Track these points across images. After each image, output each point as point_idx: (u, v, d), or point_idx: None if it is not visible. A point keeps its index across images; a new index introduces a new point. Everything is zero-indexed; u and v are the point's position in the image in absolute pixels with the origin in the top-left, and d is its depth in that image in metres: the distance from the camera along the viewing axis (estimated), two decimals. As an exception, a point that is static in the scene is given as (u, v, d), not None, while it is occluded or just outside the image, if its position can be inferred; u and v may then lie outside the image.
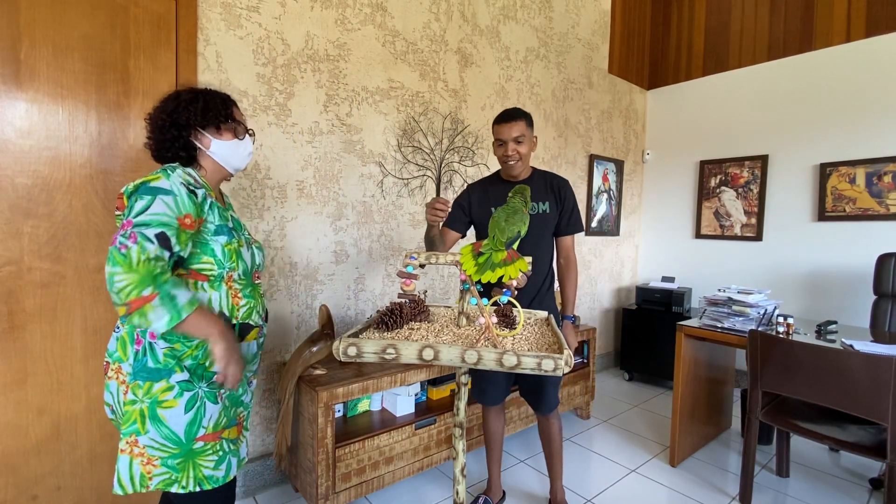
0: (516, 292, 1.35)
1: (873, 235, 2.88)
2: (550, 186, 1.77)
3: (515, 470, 2.27)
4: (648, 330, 3.50)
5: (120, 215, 1.05)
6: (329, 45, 2.11)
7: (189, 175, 1.08)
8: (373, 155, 2.31)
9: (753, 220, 3.42)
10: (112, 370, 1.06)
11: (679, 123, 3.88)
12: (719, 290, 2.37)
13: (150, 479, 1.02)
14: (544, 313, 1.50)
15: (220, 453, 1.10)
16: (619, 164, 3.86)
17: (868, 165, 2.90)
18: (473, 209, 1.82)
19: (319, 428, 1.72)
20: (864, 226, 2.93)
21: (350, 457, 1.82)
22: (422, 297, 1.48)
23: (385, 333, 1.21)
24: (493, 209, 1.71)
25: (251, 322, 1.18)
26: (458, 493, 1.54)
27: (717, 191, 3.61)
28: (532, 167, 1.82)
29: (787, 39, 3.26)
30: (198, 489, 1.05)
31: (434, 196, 2.56)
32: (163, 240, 0.95)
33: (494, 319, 1.31)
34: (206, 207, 1.08)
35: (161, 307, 0.92)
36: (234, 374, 1.05)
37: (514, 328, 1.27)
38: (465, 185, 2.68)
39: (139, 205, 0.97)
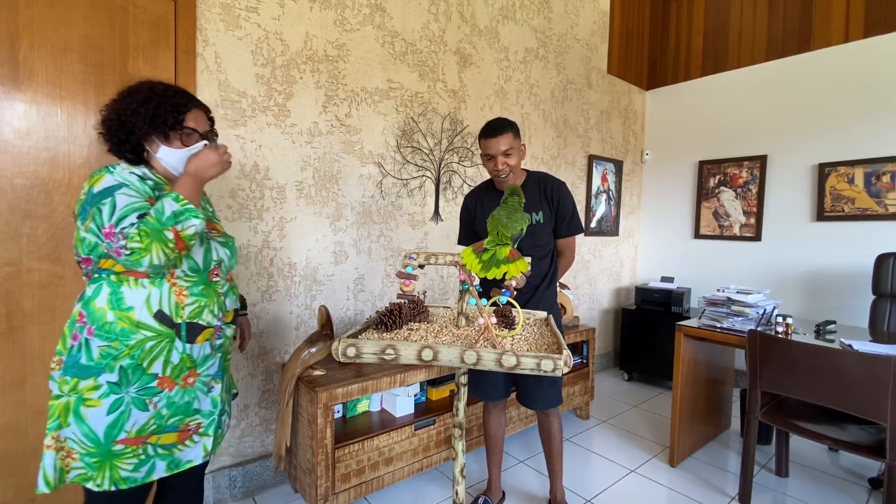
0: (515, 293, 1.36)
1: (872, 235, 2.89)
2: (544, 193, 1.75)
3: (515, 470, 2.27)
4: (648, 330, 3.50)
5: (81, 229, 1.03)
6: (328, 46, 2.11)
7: (136, 169, 1.08)
8: (372, 155, 2.31)
9: (752, 221, 3.42)
10: (54, 362, 1.06)
11: (678, 124, 3.89)
12: (718, 290, 2.38)
13: (68, 472, 1.03)
14: (543, 314, 1.50)
15: (143, 457, 1.08)
16: (618, 165, 3.87)
17: (867, 165, 2.90)
18: (476, 222, 1.82)
19: (319, 429, 1.72)
20: (863, 226, 2.93)
21: (349, 457, 1.82)
22: (421, 297, 1.48)
23: (384, 334, 1.21)
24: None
25: (201, 322, 1.12)
26: (457, 493, 1.54)
27: (716, 191, 3.62)
28: (526, 170, 1.81)
29: (785, 40, 3.27)
30: (113, 489, 1.04)
31: (433, 197, 2.57)
32: (143, 217, 0.99)
33: (493, 320, 1.31)
34: (155, 197, 1.07)
35: (184, 223, 1.00)
36: (211, 163, 1.10)
37: (514, 328, 1.27)
38: (464, 186, 2.69)
39: (105, 211, 0.98)
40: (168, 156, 1.12)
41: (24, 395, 1.52)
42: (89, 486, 1.03)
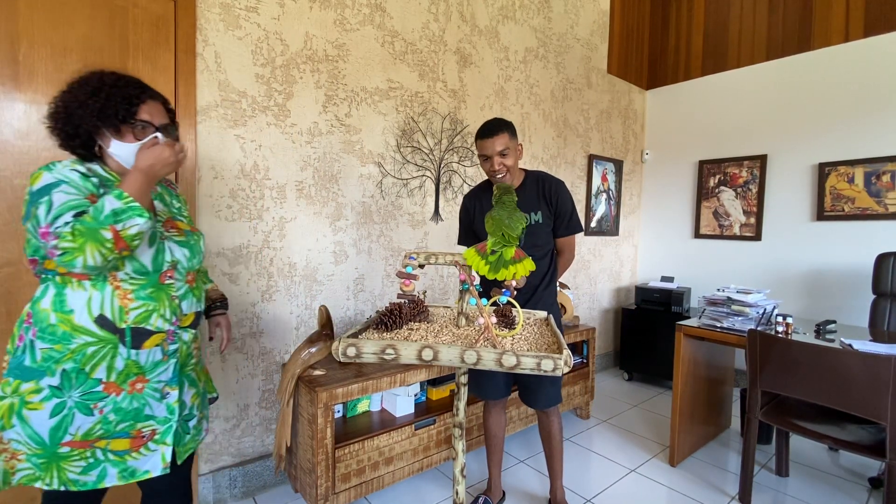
0: (515, 293, 1.36)
1: (872, 235, 2.89)
2: (543, 193, 1.75)
3: (515, 470, 2.27)
4: (648, 330, 3.50)
5: (29, 238, 0.99)
6: (328, 46, 2.11)
7: (81, 166, 1.03)
8: (372, 155, 2.31)
9: (752, 220, 3.42)
10: (5, 360, 1.04)
11: (678, 123, 3.89)
12: (718, 289, 2.38)
13: (13, 474, 1.00)
14: (543, 313, 1.50)
15: (91, 460, 1.03)
16: (618, 164, 3.87)
17: (867, 165, 2.90)
18: (475, 221, 1.82)
19: (319, 428, 1.72)
20: (863, 225, 2.93)
21: (350, 457, 1.82)
22: (421, 297, 1.48)
23: (384, 334, 1.21)
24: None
25: (148, 327, 1.05)
26: (457, 493, 1.54)
27: (716, 191, 3.61)
28: (524, 170, 1.81)
29: (785, 39, 3.27)
30: (62, 489, 1.02)
31: (433, 197, 2.57)
32: (81, 216, 0.94)
33: (494, 320, 1.31)
34: (99, 195, 1.01)
35: (126, 221, 0.94)
36: (163, 161, 1.02)
37: (514, 328, 1.27)
38: (464, 185, 2.69)
39: (41, 211, 0.94)
40: (121, 150, 1.05)
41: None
42: (38, 485, 1.00)
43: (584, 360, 2.89)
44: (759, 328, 2.04)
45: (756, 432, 1.96)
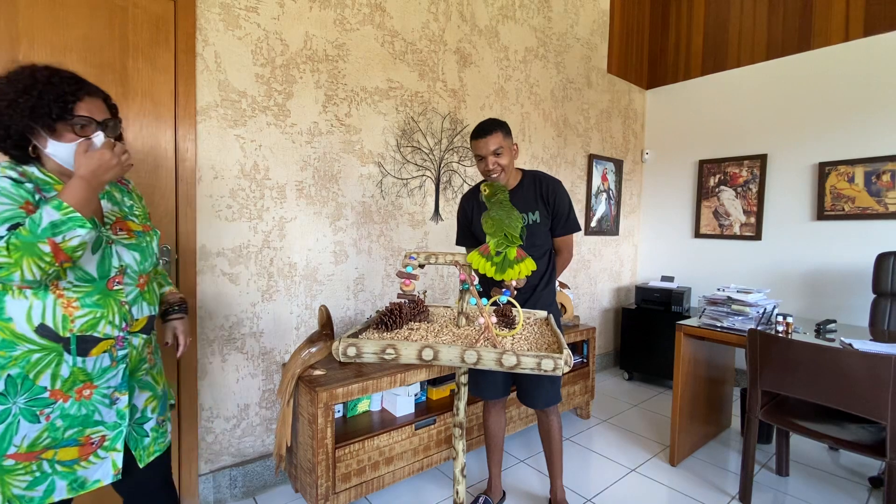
0: (515, 292, 1.36)
1: (872, 234, 2.89)
2: (540, 193, 1.74)
3: (516, 470, 2.27)
4: (648, 329, 3.50)
5: None
6: (328, 46, 2.11)
7: (12, 170, 0.97)
8: (372, 155, 2.31)
9: (752, 220, 3.42)
10: None
11: (678, 123, 3.89)
12: (718, 289, 2.38)
13: None
14: (543, 313, 1.51)
15: (37, 474, 0.99)
16: (619, 164, 3.87)
17: (867, 164, 2.90)
18: (474, 223, 1.81)
19: (319, 428, 1.72)
20: (863, 225, 2.93)
21: (350, 457, 1.82)
22: (421, 297, 1.48)
23: (384, 334, 1.21)
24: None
25: (95, 334, 1.01)
26: (458, 493, 1.54)
27: (717, 190, 3.61)
28: (521, 170, 1.81)
29: (785, 39, 3.26)
30: None
31: (433, 197, 2.57)
32: (16, 228, 0.90)
33: (494, 319, 1.31)
34: (35, 202, 0.97)
35: (65, 233, 0.89)
36: (100, 161, 0.95)
37: (514, 328, 1.27)
38: (464, 185, 2.69)
39: None
40: (59, 150, 0.99)
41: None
42: None
43: (585, 360, 2.89)
44: (759, 328, 2.04)
45: (756, 432, 1.96)
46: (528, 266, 1.29)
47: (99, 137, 1.01)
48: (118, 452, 1.08)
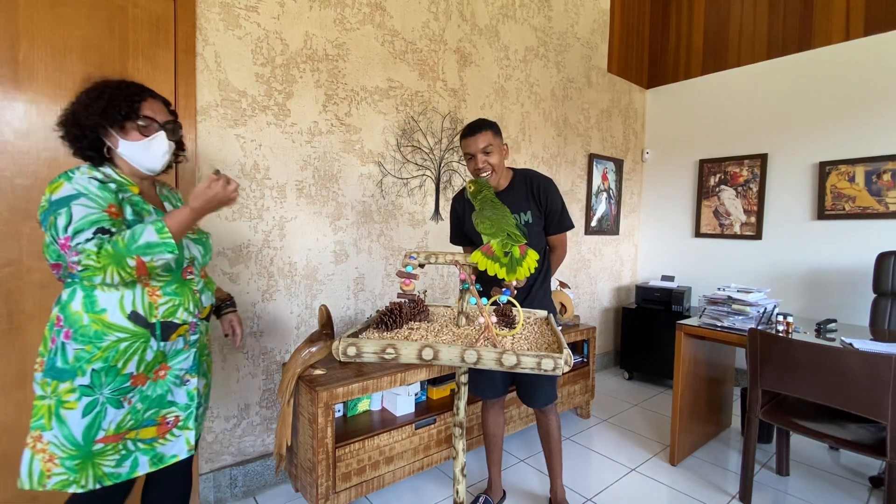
0: (516, 292, 1.36)
1: (873, 234, 2.89)
2: (532, 192, 1.74)
3: (516, 469, 2.27)
4: (648, 329, 3.50)
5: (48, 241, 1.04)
6: (328, 45, 2.11)
7: (97, 171, 1.06)
8: (372, 154, 2.31)
9: (753, 219, 3.42)
10: (37, 363, 1.07)
11: (678, 122, 3.88)
12: (719, 288, 2.37)
13: (49, 477, 1.03)
14: (543, 313, 1.51)
15: (123, 452, 1.10)
16: (619, 164, 3.86)
17: (867, 164, 2.90)
18: (464, 223, 1.82)
19: (319, 428, 1.72)
20: (864, 224, 2.93)
21: (350, 456, 1.82)
22: (421, 296, 1.48)
23: (385, 333, 1.21)
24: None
25: (175, 320, 1.13)
26: (458, 492, 1.54)
27: (717, 189, 3.61)
28: (511, 169, 1.80)
29: (786, 38, 3.26)
30: (98, 486, 1.05)
31: (433, 196, 2.57)
32: (103, 232, 0.98)
33: (494, 319, 1.31)
34: (119, 202, 1.06)
35: (154, 255, 0.98)
36: (213, 196, 1.06)
37: (514, 328, 1.27)
38: (464, 185, 2.69)
39: (60, 221, 0.97)
40: (129, 150, 1.10)
41: (25, 394, 1.52)
42: (72, 489, 1.03)
43: (585, 360, 2.89)
44: (759, 327, 2.04)
45: (756, 431, 1.96)
46: (533, 258, 1.30)
47: (160, 137, 1.13)
48: (191, 430, 1.21)
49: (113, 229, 0.99)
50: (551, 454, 1.89)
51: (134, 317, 1.06)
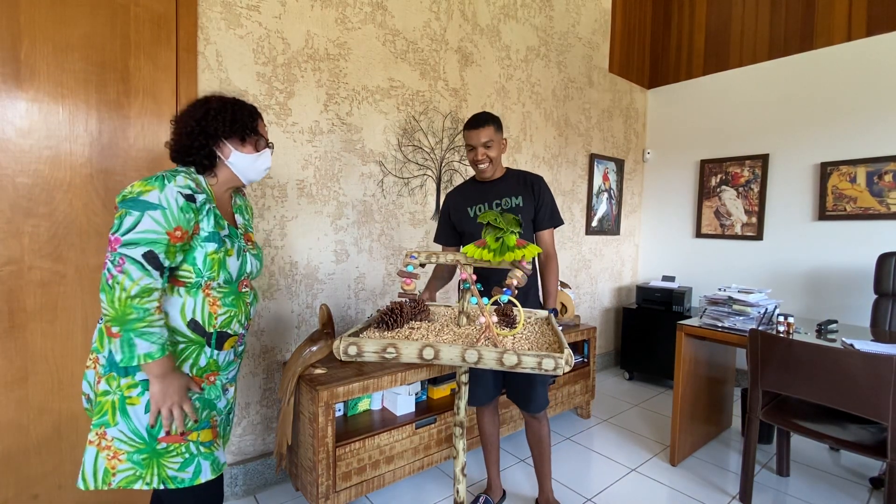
0: (516, 291, 1.36)
1: (874, 234, 2.88)
2: (524, 183, 1.81)
3: (515, 469, 2.27)
4: (649, 329, 3.50)
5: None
6: (329, 44, 2.11)
7: (192, 180, 1.08)
8: (373, 154, 2.31)
9: (754, 220, 3.42)
10: (91, 360, 1.08)
11: (679, 122, 3.88)
12: (720, 289, 2.37)
13: (114, 474, 1.03)
14: (544, 313, 1.50)
15: (187, 456, 1.09)
16: (620, 164, 3.86)
17: (869, 164, 2.90)
18: (453, 214, 1.85)
19: (320, 427, 1.72)
20: (865, 225, 2.92)
21: (350, 456, 1.82)
22: (422, 296, 1.48)
23: (385, 333, 1.21)
24: (469, 208, 1.79)
25: (229, 331, 1.16)
26: (458, 492, 1.54)
27: (718, 190, 3.61)
28: (506, 167, 1.87)
29: (787, 38, 3.26)
30: (162, 487, 1.06)
31: (434, 196, 2.57)
32: (151, 259, 0.98)
33: (495, 319, 1.31)
34: (203, 213, 1.09)
35: (119, 346, 0.97)
36: (170, 417, 1.05)
37: (515, 327, 1.27)
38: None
39: (128, 221, 0.98)
40: (240, 160, 1.17)
41: (26, 393, 1.52)
42: (137, 486, 1.03)
43: (585, 360, 2.89)
44: (760, 328, 2.03)
45: (757, 432, 1.96)
46: (532, 251, 1.31)
47: (267, 153, 1.23)
48: (222, 438, 1.23)
49: (161, 256, 0.99)
50: (542, 457, 1.90)
51: (193, 325, 1.09)
